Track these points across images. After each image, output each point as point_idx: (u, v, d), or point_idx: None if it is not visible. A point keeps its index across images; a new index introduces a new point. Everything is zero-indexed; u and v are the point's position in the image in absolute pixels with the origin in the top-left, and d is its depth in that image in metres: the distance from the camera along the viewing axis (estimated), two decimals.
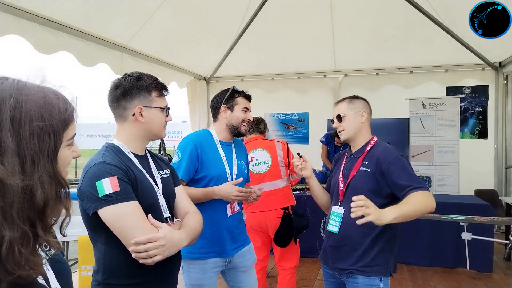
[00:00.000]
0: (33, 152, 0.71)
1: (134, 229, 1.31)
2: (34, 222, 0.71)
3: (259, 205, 3.00)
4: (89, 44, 4.01)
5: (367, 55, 5.94)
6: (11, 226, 0.66)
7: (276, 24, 5.48)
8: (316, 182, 2.19)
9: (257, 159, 3.12)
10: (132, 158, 1.49)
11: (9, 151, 0.68)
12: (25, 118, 0.70)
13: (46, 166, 0.73)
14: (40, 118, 0.72)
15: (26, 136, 0.70)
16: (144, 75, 1.54)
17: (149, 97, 1.51)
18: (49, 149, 0.74)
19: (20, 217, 0.67)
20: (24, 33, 3.23)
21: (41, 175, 0.71)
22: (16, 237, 0.66)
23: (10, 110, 0.69)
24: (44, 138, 0.73)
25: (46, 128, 0.73)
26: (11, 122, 0.69)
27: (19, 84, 0.74)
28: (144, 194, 1.43)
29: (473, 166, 5.71)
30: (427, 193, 1.76)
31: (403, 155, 1.93)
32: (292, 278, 3.18)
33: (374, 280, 1.87)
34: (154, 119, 1.53)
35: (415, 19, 4.91)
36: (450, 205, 4.19)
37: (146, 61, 5.08)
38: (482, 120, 5.98)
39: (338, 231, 1.96)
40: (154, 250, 1.30)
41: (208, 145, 2.20)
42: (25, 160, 0.69)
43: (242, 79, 6.76)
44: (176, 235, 1.40)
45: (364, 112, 2.02)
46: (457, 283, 3.98)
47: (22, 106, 0.71)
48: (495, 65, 5.63)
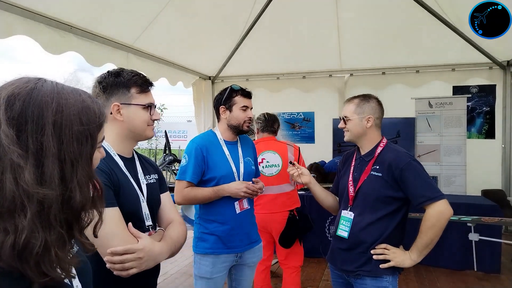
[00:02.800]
0: (73, 156, 0.72)
1: (111, 238, 1.21)
2: (72, 224, 0.73)
3: (265, 206, 3.02)
4: (96, 44, 4.03)
5: (373, 54, 5.91)
6: (48, 229, 0.67)
7: (281, 24, 5.47)
8: (317, 186, 2.17)
9: (267, 161, 3.09)
10: (118, 160, 1.41)
11: (51, 155, 0.68)
12: (65, 122, 0.71)
13: (85, 170, 0.74)
14: (79, 122, 0.73)
15: (67, 140, 0.71)
16: (124, 70, 1.45)
17: (128, 93, 1.42)
18: (87, 152, 0.75)
19: (58, 220, 0.69)
20: (32, 34, 3.25)
21: (80, 179, 0.72)
22: (52, 240, 0.67)
23: (52, 114, 0.70)
24: (83, 141, 0.74)
25: (84, 132, 0.74)
26: (53, 126, 0.70)
27: (58, 87, 0.75)
28: (126, 200, 1.35)
29: (480, 166, 5.66)
30: (442, 205, 1.78)
31: (415, 159, 1.91)
32: (297, 276, 3.19)
33: (382, 281, 1.86)
34: (135, 117, 1.43)
35: (421, 17, 4.87)
36: (457, 206, 4.16)
37: (152, 61, 5.09)
38: (490, 120, 5.93)
39: (348, 236, 1.94)
40: (131, 263, 1.22)
41: (213, 146, 2.24)
42: (65, 163, 0.70)
43: (247, 79, 6.75)
44: (156, 248, 1.31)
45: (370, 118, 1.97)
46: (464, 284, 3.95)
47: (63, 110, 0.71)
48: (503, 64, 5.57)
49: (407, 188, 1.83)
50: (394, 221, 1.89)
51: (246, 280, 2.35)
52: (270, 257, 3.25)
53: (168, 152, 8.87)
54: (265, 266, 3.18)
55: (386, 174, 1.87)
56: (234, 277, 2.34)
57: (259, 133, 3.26)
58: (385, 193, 1.87)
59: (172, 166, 8.98)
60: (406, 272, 4.14)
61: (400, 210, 1.90)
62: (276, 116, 3.34)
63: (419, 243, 1.79)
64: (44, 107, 0.70)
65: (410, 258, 1.81)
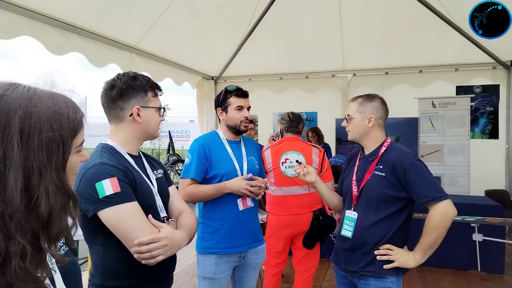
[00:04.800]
0: (41, 164, 0.69)
1: (136, 230, 1.30)
2: (38, 234, 0.69)
3: (289, 208, 2.97)
4: (99, 45, 4.04)
5: (376, 54, 5.90)
6: (9, 240, 0.65)
7: (284, 24, 5.48)
8: (323, 186, 2.19)
9: (291, 161, 3.02)
10: (128, 158, 1.48)
11: (15, 164, 0.66)
12: (33, 129, 0.69)
13: (53, 177, 0.71)
14: (49, 129, 0.71)
15: (34, 148, 0.68)
16: (139, 75, 1.54)
17: (146, 97, 1.51)
18: (57, 159, 0.72)
19: (19, 230, 0.65)
20: (36, 35, 3.27)
21: (46, 186, 0.69)
22: (15, 251, 0.65)
23: (19, 122, 0.67)
24: (53, 148, 0.71)
25: (55, 138, 0.72)
26: (20, 134, 0.67)
27: (29, 92, 0.72)
28: (143, 195, 1.43)
29: (483, 166, 5.64)
30: (446, 205, 1.77)
31: (419, 158, 1.90)
32: (310, 277, 3.15)
33: (386, 282, 1.86)
34: (151, 119, 1.53)
35: (425, 17, 4.86)
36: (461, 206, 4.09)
37: (155, 61, 5.10)
38: (493, 120, 5.91)
39: (351, 236, 1.94)
40: (157, 250, 1.31)
41: (216, 145, 2.28)
42: (32, 172, 0.68)
43: (250, 79, 6.76)
44: (178, 235, 1.41)
45: (372, 118, 1.96)
46: (468, 285, 3.94)
47: (31, 117, 0.69)
48: (507, 63, 5.55)
49: (411, 188, 1.82)
50: (398, 221, 1.88)
51: (250, 281, 2.35)
52: (285, 262, 3.16)
53: (172, 152, 8.90)
54: (278, 269, 3.11)
55: (390, 174, 1.86)
56: (237, 278, 2.34)
57: (283, 133, 3.16)
58: (388, 193, 1.86)
59: (176, 166, 9.00)
60: (409, 273, 4.11)
61: (404, 210, 1.90)
62: (301, 116, 3.23)
63: (423, 243, 1.79)
64: (11, 115, 0.67)
65: (414, 258, 1.81)
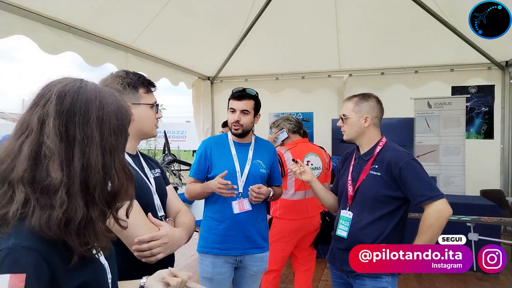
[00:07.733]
0: (112, 147, 0.84)
1: (136, 228, 1.30)
2: (110, 204, 0.87)
3: (305, 211, 2.96)
4: (94, 44, 4.01)
5: (372, 54, 5.90)
6: (93, 206, 0.81)
7: (280, 24, 5.47)
8: (319, 185, 2.19)
9: (312, 163, 3.02)
10: (127, 157, 1.47)
11: (95, 144, 0.81)
12: (106, 117, 0.84)
13: (120, 159, 0.87)
14: (116, 118, 0.86)
15: (107, 133, 0.84)
16: (129, 72, 1.53)
17: (136, 94, 1.50)
18: (122, 144, 0.89)
19: (101, 199, 0.83)
20: (30, 34, 3.24)
21: (117, 166, 0.86)
22: (96, 215, 0.82)
23: (96, 110, 0.82)
24: (119, 135, 0.87)
25: (120, 126, 0.87)
26: (97, 120, 0.82)
27: (98, 87, 0.87)
28: (142, 194, 1.43)
29: (479, 166, 5.66)
30: (441, 204, 1.78)
31: (414, 158, 1.91)
32: (311, 276, 3.20)
33: (381, 282, 1.85)
34: (144, 116, 1.51)
35: (420, 17, 4.87)
36: (456, 206, 4.14)
37: (151, 61, 5.08)
38: (488, 120, 5.93)
39: (347, 236, 1.94)
40: (158, 248, 1.31)
41: (220, 146, 2.30)
42: (106, 152, 0.83)
43: (246, 79, 6.74)
44: (177, 233, 1.42)
45: (368, 117, 1.96)
46: (463, 284, 3.95)
47: (104, 107, 0.84)
48: (502, 64, 5.58)
49: (406, 187, 1.82)
50: (393, 221, 1.88)
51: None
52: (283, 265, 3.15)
53: (167, 152, 8.86)
54: (279, 272, 3.10)
55: (385, 174, 1.86)
56: (235, 282, 2.32)
57: (290, 133, 3.15)
58: (384, 192, 1.86)
59: (171, 166, 8.96)
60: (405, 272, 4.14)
61: (399, 210, 1.89)
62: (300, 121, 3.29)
63: (418, 243, 1.78)
64: (89, 104, 0.82)
65: None
